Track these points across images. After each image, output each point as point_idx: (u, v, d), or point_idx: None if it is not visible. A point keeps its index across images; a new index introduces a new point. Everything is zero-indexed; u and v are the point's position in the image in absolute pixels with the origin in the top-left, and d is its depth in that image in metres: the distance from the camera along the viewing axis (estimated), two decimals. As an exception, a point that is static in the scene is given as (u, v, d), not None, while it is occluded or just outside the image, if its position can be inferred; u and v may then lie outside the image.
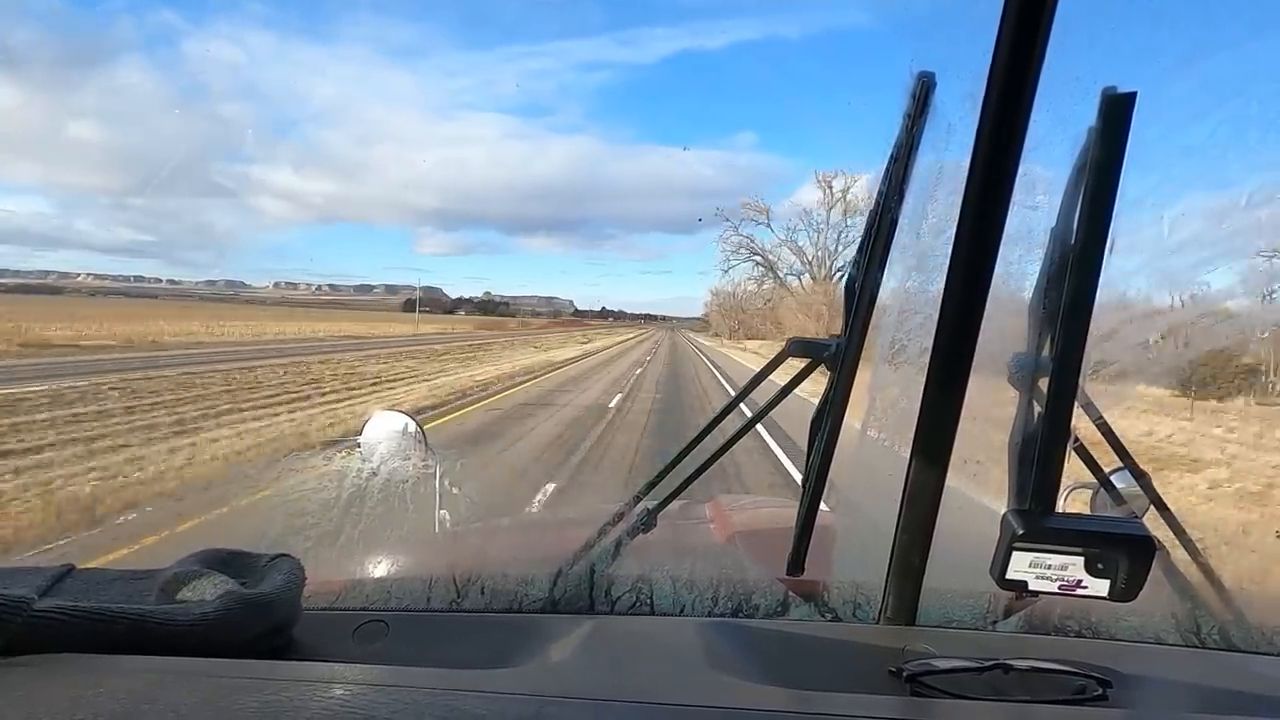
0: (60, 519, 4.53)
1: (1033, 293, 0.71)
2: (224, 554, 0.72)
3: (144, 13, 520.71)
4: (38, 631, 0.54)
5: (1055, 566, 0.65)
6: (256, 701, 0.47)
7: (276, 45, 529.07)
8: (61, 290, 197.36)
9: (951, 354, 0.66)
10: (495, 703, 0.50)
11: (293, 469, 5.22)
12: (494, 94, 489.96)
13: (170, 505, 4.99)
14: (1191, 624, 0.80)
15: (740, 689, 0.59)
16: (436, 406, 10.89)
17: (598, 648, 0.70)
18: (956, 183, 0.63)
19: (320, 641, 0.72)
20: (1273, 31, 0.74)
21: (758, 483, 6.49)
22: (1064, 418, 0.66)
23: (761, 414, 0.89)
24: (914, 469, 0.71)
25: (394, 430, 1.50)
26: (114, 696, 0.47)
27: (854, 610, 0.81)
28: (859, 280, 0.76)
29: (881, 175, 0.73)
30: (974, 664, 0.62)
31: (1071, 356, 0.64)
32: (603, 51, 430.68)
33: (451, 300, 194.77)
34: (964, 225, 0.62)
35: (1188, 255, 0.77)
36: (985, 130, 0.59)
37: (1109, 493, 0.88)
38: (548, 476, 6.42)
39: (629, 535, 0.89)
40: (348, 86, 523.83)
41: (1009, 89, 0.57)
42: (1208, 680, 0.72)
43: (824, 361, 0.79)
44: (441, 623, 0.79)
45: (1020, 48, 0.56)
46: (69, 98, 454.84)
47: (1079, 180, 0.65)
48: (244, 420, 8.43)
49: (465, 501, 1.51)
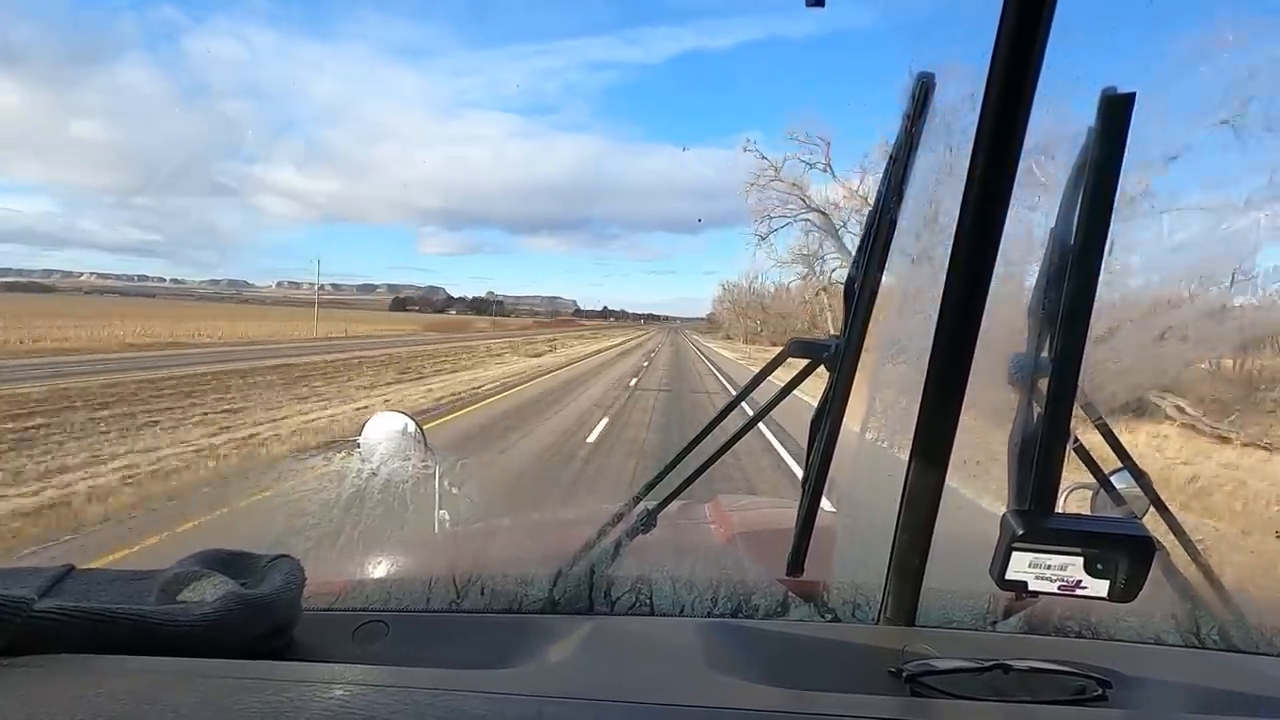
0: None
1: (1032, 293, 0.71)
2: (224, 554, 0.72)
3: (146, 9, 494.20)
4: (38, 632, 0.54)
5: (1055, 567, 0.65)
6: (257, 702, 0.47)
7: (280, 43, 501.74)
8: (52, 289, 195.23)
9: (951, 354, 0.66)
10: (495, 703, 0.50)
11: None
12: (499, 93, 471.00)
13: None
14: (1191, 624, 0.81)
15: (740, 689, 0.59)
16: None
17: (597, 648, 0.70)
18: (956, 183, 0.63)
19: (320, 642, 0.72)
20: (1272, 34, 0.74)
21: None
22: (1064, 418, 0.66)
23: (761, 414, 0.90)
24: (913, 469, 0.71)
25: (393, 430, 1.50)
26: (114, 697, 0.47)
27: (854, 611, 0.81)
28: (858, 280, 0.76)
29: (881, 175, 0.74)
30: (974, 664, 0.62)
31: (1071, 357, 0.65)
32: (610, 51, 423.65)
33: (443, 299, 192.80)
34: (963, 225, 0.62)
35: (1187, 255, 0.77)
36: (985, 131, 0.59)
37: (1109, 493, 0.88)
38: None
39: (629, 536, 0.89)
40: (351, 85, 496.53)
41: (1008, 90, 0.57)
42: (1208, 681, 0.72)
43: (824, 362, 0.79)
44: (441, 623, 0.80)
45: (1019, 49, 0.56)
46: (73, 96, 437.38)
47: (1078, 181, 0.65)
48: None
49: (465, 502, 1.51)
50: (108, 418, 8.86)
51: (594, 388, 16.58)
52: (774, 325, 44.97)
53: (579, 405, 12.96)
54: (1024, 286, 0.72)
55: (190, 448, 7.31)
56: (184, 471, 6.37)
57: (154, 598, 0.64)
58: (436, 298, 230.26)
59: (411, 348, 31.90)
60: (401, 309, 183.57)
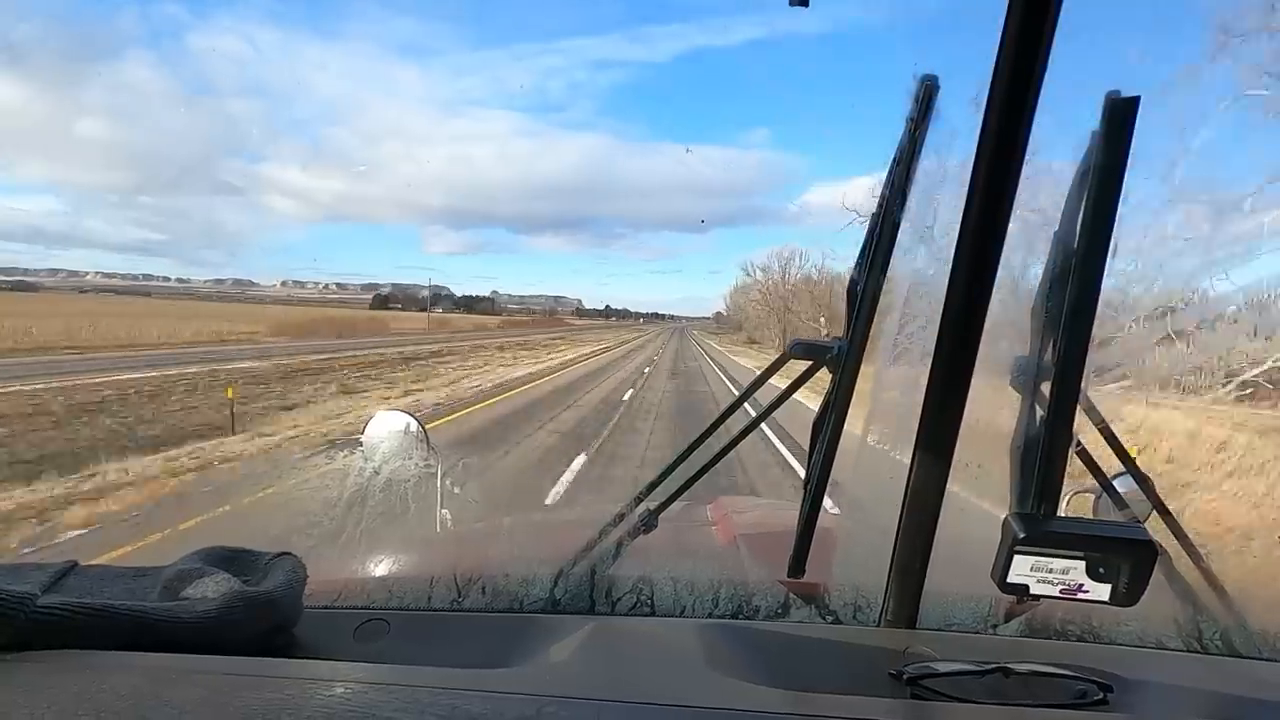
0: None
1: (1035, 296, 0.71)
2: (226, 552, 0.72)
3: (149, 6, 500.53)
4: (41, 627, 0.54)
5: (1057, 570, 0.65)
6: (258, 699, 0.47)
7: (284, 41, 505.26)
8: (35, 288, 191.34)
9: (954, 357, 0.66)
10: (495, 702, 0.50)
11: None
12: (504, 91, 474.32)
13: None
14: (1193, 629, 0.80)
15: (740, 690, 0.59)
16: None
17: (598, 648, 0.70)
18: (959, 186, 0.63)
19: (321, 640, 0.72)
20: (1276, 37, 0.73)
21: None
22: (1066, 421, 0.66)
23: (763, 415, 0.90)
24: (916, 472, 0.71)
25: (396, 429, 1.50)
26: (116, 693, 0.47)
27: (855, 612, 0.81)
28: (861, 283, 0.76)
29: (884, 178, 0.74)
30: (974, 667, 0.62)
31: (1074, 360, 0.64)
32: (615, 49, 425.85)
33: (427, 297, 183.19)
34: (966, 229, 0.62)
35: (1191, 259, 0.77)
36: (988, 134, 0.59)
37: (1111, 497, 0.88)
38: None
39: (630, 536, 0.90)
40: (356, 83, 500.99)
41: (1012, 93, 0.57)
42: (1209, 686, 0.72)
43: (826, 363, 0.79)
44: (442, 622, 0.80)
45: (1024, 52, 0.56)
46: (77, 95, 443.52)
47: (1082, 184, 0.65)
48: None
49: (466, 501, 1.51)
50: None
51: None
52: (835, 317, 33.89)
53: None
54: (1027, 289, 0.72)
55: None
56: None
57: (156, 594, 0.64)
58: (417, 294, 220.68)
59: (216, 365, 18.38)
60: (383, 307, 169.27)
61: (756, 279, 51.72)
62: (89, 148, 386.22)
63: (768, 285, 49.43)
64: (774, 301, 46.54)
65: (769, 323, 45.67)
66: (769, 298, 48.43)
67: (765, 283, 49.80)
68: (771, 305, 46.66)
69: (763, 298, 50.23)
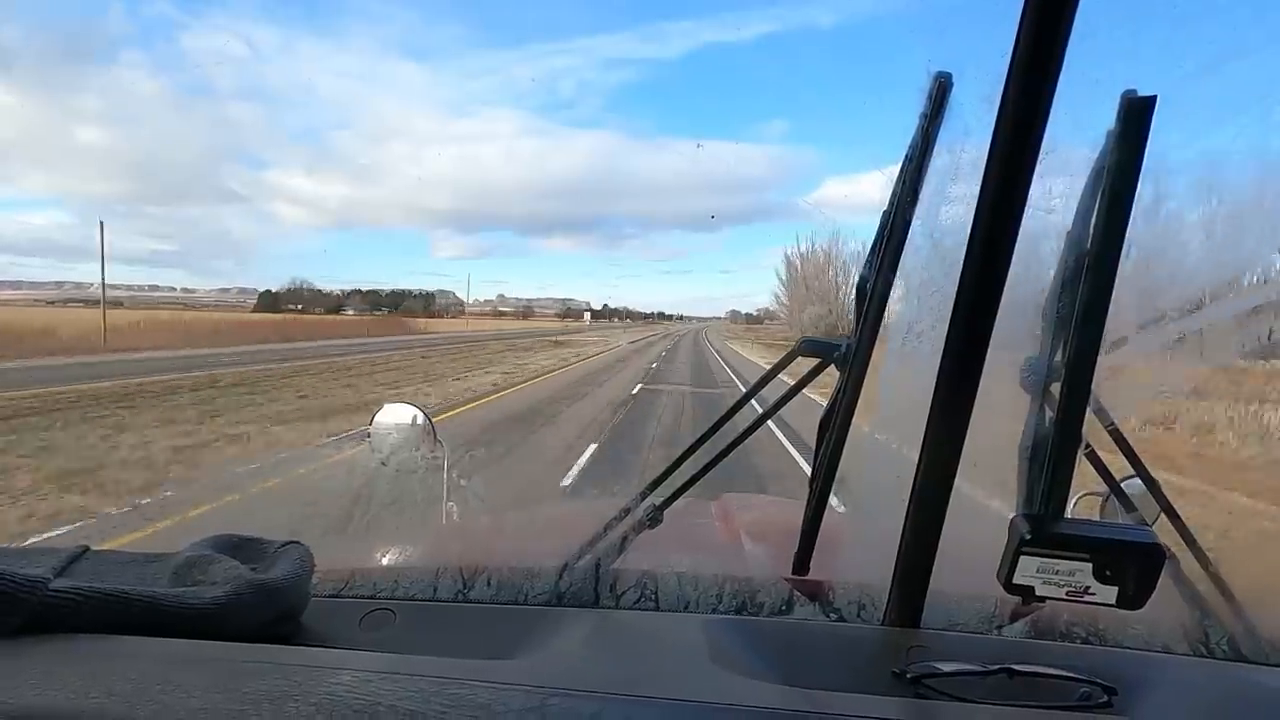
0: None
1: (1046, 297, 0.71)
2: (235, 539, 0.73)
3: (147, 4, 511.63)
4: (53, 611, 0.55)
5: (1063, 572, 0.64)
6: (265, 686, 0.48)
7: (286, 42, 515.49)
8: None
9: (963, 356, 0.65)
10: (499, 693, 0.50)
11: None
12: (513, 89, 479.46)
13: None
14: (1200, 634, 0.80)
15: (743, 686, 0.59)
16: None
17: (602, 641, 0.70)
18: (971, 184, 0.62)
19: (328, 628, 0.73)
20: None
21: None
22: (1075, 423, 0.65)
23: (770, 412, 0.89)
24: (922, 471, 0.71)
25: (403, 422, 1.51)
26: (126, 677, 0.48)
27: (859, 611, 0.81)
28: (871, 280, 0.76)
29: (896, 175, 0.73)
30: (978, 667, 0.62)
31: (1084, 362, 0.64)
32: (625, 47, 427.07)
33: (337, 297, 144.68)
34: (978, 227, 0.62)
35: (1206, 262, 0.76)
36: (1002, 132, 0.58)
37: (1119, 499, 0.87)
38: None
39: (635, 531, 0.90)
40: (362, 85, 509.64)
41: (1027, 91, 0.57)
42: (1215, 691, 0.71)
43: (834, 361, 0.79)
44: (447, 613, 0.80)
45: (1039, 49, 0.55)
46: (81, 103, 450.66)
47: (1096, 184, 0.64)
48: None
49: (472, 494, 1.52)
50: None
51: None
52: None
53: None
54: (1039, 290, 0.72)
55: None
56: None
57: (167, 580, 0.65)
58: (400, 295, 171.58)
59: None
60: (273, 309, 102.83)
61: (797, 266, 46.47)
62: (93, 157, 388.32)
63: (809, 269, 44.28)
64: (823, 285, 41.94)
65: (822, 311, 40.20)
66: (810, 282, 44.38)
67: (807, 267, 44.66)
68: (817, 290, 42.01)
69: (807, 276, 45.40)
